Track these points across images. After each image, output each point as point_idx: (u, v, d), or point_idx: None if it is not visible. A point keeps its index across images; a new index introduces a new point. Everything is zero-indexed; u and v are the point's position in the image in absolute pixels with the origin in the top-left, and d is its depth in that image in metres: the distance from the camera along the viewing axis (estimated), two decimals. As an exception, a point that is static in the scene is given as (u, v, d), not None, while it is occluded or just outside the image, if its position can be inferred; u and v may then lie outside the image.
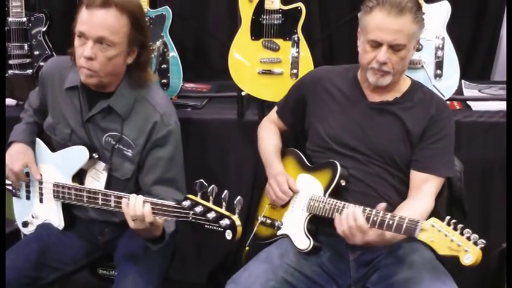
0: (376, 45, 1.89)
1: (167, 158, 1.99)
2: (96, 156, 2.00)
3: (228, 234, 1.62)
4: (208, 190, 1.64)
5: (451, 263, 1.86)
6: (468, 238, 1.61)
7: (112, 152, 1.99)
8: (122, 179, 2.01)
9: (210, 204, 1.64)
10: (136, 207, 1.76)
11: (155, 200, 1.78)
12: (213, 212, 1.63)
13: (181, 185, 2.03)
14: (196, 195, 1.67)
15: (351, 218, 1.77)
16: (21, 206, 2.18)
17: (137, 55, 1.96)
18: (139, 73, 1.99)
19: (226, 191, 1.63)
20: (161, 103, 2.01)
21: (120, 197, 1.84)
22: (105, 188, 1.98)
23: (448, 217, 1.66)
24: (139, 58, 1.96)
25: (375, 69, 1.92)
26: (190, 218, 1.67)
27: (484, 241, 1.60)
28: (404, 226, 1.71)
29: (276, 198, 2.04)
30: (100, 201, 1.91)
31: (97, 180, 2.02)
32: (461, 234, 1.62)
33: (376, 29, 1.88)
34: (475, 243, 1.60)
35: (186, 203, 1.66)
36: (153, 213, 1.75)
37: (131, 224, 1.78)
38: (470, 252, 1.58)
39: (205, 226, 1.65)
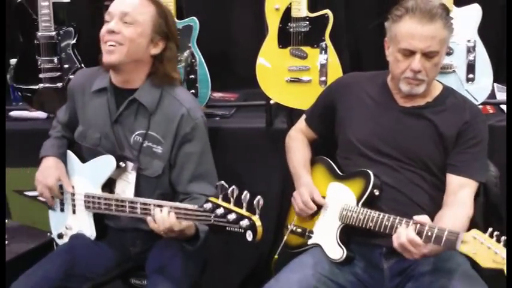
0: (409, 53, 1.87)
1: (198, 153, 2.01)
2: (123, 165, 2.02)
3: (249, 236, 1.61)
4: (229, 192, 1.64)
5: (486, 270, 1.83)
6: None
7: (140, 151, 2.01)
8: (152, 177, 2.01)
9: (230, 206, 1.64)
10: (163, 220, 1.78)
11: (176, 204, 1.79)
12: (233, 214, 1.62)
13: (214, 179, 2.03)
14: (217, 198, 1.66)
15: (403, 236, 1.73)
16: (56, 218, 2.20)
17: (163, 49, 2.00)
18: (165, 68, 2.02)
19: (246, 192, 1.63)
20: (187, 98, 2.05)
21: (146, 204, 1.86)
22: (136, 188, 2.00)
23: (490, 229, 1.62)
24: (164, 52, 2.01)
25: (409, 79, 1.90)
26: (212, 221, 1.66)
27: None
28: (444, 238, 1.67)
29: (298, 210, 2.03)
30: (127, 209, 1.93)
31: (127, 181, 2.03)
32: (505, 246, 1.58)
33: (408, 37, 1.85)
34: None
35: (208, 206, 1.66)
36: (177, 218, 1.76)
37: (163, 235, 1.79)
38: None
39: (226, 228, 1.64)
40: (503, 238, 1.59)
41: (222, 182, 1.66)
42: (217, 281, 2.64)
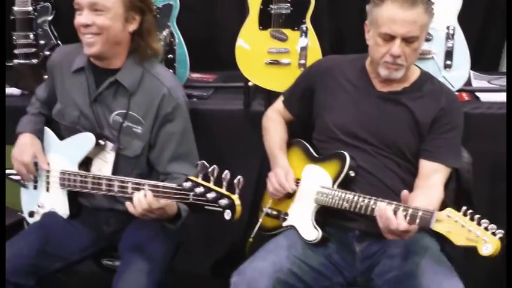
0: (389, 38, 1.87)
1: (179, 132, 2.00)
2: (103, 143, 2.00)
3: (227, 214, 1.60)
4: (209, 170, 1.63)
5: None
6: (486, 228, 1.60)
7: (120, 131, 1.99)
8: (131, 156, 2.00)
9: (210, 185, 1.63)
10: (139, 202, 1.76)
11: (155, 183, 1.78)
12: (213, 192, 1.62)
13: (195, 159, 2.02)
14: (197, 177, 1.65)
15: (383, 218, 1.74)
16: (29, 196, 2.18)
17: (140, 23, 1.97)
18: (144, 42, 2.00)
19: (226, 171, 1.62)
20: (168, 77, 2.03)
21: (124, 182, 1.85)
22: (114, 168, 1.99)
23: (464, 207, 1.65)
24: (142, 25, 1.98)
25: (389, 63, 1.90)
26: (191, 199, 1.66)
27: (502, 231, 1.59)
28: (419, 216, 1.69)
29: (272, 190, 2.03)
30: (104, 187, 1.91)
31: (105, 161, 2.01)
32: (479, 224, 1.61)
33: (389, 22, 1.85)
34: (493, 234, 1.58)
35: (187, 184, 1.65)
36: (155, 196, 1.75)
37: (143, 217, 1.79)
38: (489, 243, 1.57)
39: (205, 207, 1.63)
40: (476, 216, 1.62)
41: (203, 161, 1.65)
42: (191, 262, 2.64)
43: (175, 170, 1.98)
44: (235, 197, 1.60)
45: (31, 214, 2.15)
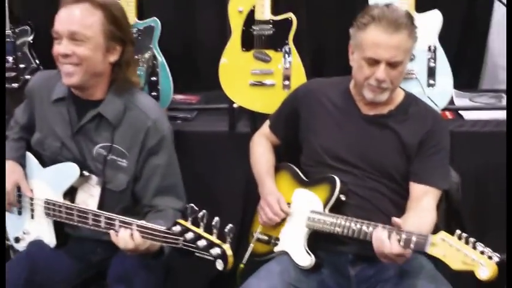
0: (373, 62, 1.87)
1: (164, 165, 1.96)
2: (87, 174, 1.95)
3: (219, 264, 1.56)
4: (199, 215, 1.59)
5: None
6: (482, 252, 1.60)
7: (104, 164, 1.95)
8: (117, 190, 1.96)
9: (200, 231, 1.58)
10: (126, 241, 1.73)
11: (143, 223, 1.73)
12: (203, 240, 1.57)
13: (180, 191, 2.01)
14: (186, 220, 1.61)
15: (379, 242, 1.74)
16: (13, 221, 2.12)
17: (121, 53, 1.93)
18: (125, 74, 1.95)
19: (217, 218, 1.58)
20: (152, 108, 1.99)
21: (111, 219, 1.80)
22: (100, 202, 1.94)
23: (458, 231, 1.65)
24: (122, 56, 1.94)
25: (373, 86, 1.90)
26: (181, 245, 1.61)
27: (498, 255, 1.59)
28: (413, 241, 1.69)
29: (267, 220, 2.02)
30: (90, 222, 1.86)
31: (90, 194, 1.97)
32: (474, 248, 1.61)
33: (373, 46, 1.85)
34: (489, 257, 1.59)
35: (177, 229, 1.60)
36: (142, 237, 1.71)
37: (126, 253, 1.75)
38: (485, 267, 1.57)
39: (196, 254, 1.59)
40: (471, 240, 1.62)
41: (192, 204, 1.61)
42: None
43: (161, 203, 1.94)
44: (227, 247, 1.56)
45: (17, 240, 2.10)
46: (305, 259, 1.92)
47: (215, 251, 1.55)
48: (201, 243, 1.56)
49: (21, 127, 2.14)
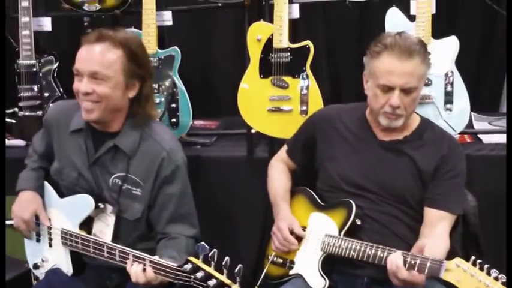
0: (388, 89, 1.89)
1: (178, 194, 1.98)
2: (102, 206, 1.98)
3: None
4: (210, 254, 1.60)
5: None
6: (496, 278, 1.60)
7: (119, 193, 1.98)
8: (132, 219, 1.99)
9: (211, 271, 1.59)
10: (138, 275, 1.75)
11: (156, 260, 1.75)
12: (214, 280, 1.57)
13: (193, 219, 2.02)
14: (198, 258, 1.62)
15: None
16: (32, 248, 2.16)
17: (139, 89, 1.96)
18: (143, 108, 1.98)
19: (227, 258, 1.59)
20: (167, 139, 2.01)
21: (125, 253, 1.82)
22: (115, 230, 1.97)
23: (473, 257, 1.65)
24: (141, 92, 1.97)
25: (388, 113, 1.91)
26: (192, 283, 1.62)
27: None
28: (428, 266, 1.69)
29: (279, 246, 2.03)
30: (105, 254, 1.88)
31: (106, 224, 1.99)
32: (488, 274, 1.61)
33: (387, 74, 1.87)
34: (503, 284, 1.59)
35: (188, 267, 1.62)
36: (155, 273, 1.73)
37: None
38: None
39: None
40: (486, 266, 1.62)
41: (203, 243, 1.63)
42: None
43: (174, 231, 1.96)
44: (236, 287, 1.57)
45: (36, 266, 2.14)
46: (319, 282, 1.92)
47: None
48: (212, 282, 1.57)
49: (39, 156, 2.17)
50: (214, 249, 1.60)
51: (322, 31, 2.95)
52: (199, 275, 1.59)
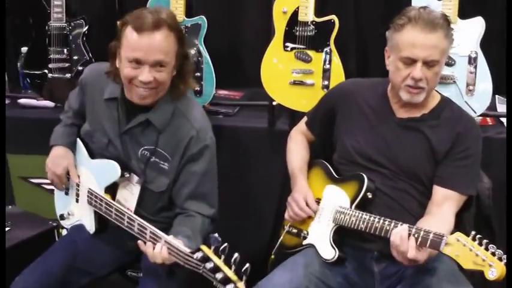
0: (410, 62, 1.90)
1: (201, 173, 2.00)
2: (128, 175, 2.02)
3: None
4: (221, 248, 1.62)
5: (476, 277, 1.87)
6: (493, 253, 1.63)
7: (146, 165, 2.01)
8: (157, 191, 2.03)
9: (220, 264, 1.61)
10: (154, 256, 1.79)
11: (170, 240, 1.77)
12: (221, 273, 1.60)
13: (213, 200, 2.04)
14: (209, 248, 1.64)
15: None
16: (61, 200, 2.25)
17: (180, 66, 1.98)
18: (184, 84, 2.01)
19: (237, 254, 1.60)
20: (198, 118, 2.02)
21: (143, 227, 1.85)
22: (139, 200, 2.01)
23: (473, 232, 1.68)
24: (182, 69, 1.99)
25: (410, 87, 1.92)
26: (201, 271, 1.65)
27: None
28: (429, 240, 1.73)
29: (292, 215, 2.07)
30: (125, 223, 1.93)
31: (131, 192, 2.04)
32: (486, 249, 1.64)
33: (410, 46, 1.88)
34: (500, 259, 1.62)
35: (199, 255, 1.64)
36: (169, 253, 1.77)
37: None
38: (494, 267, 1.61)
39: (214, 283, 1.63)
40: (484, 241, 1.65)
41: (216, 234, 1.65)
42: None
43: (191, 208, 1.99)
44: (241, 284, 1.58)
45: (62, 217, 2.23)
46: (329, 252, 1.97)
47: (230, 287, 1.59)
48: (219, 275, 1.60)
49: (74, 112, 2.22)
50: (226, 244, 1.61)
51: (351, 6, 2.93)
52: (209, 265, 1.61)
